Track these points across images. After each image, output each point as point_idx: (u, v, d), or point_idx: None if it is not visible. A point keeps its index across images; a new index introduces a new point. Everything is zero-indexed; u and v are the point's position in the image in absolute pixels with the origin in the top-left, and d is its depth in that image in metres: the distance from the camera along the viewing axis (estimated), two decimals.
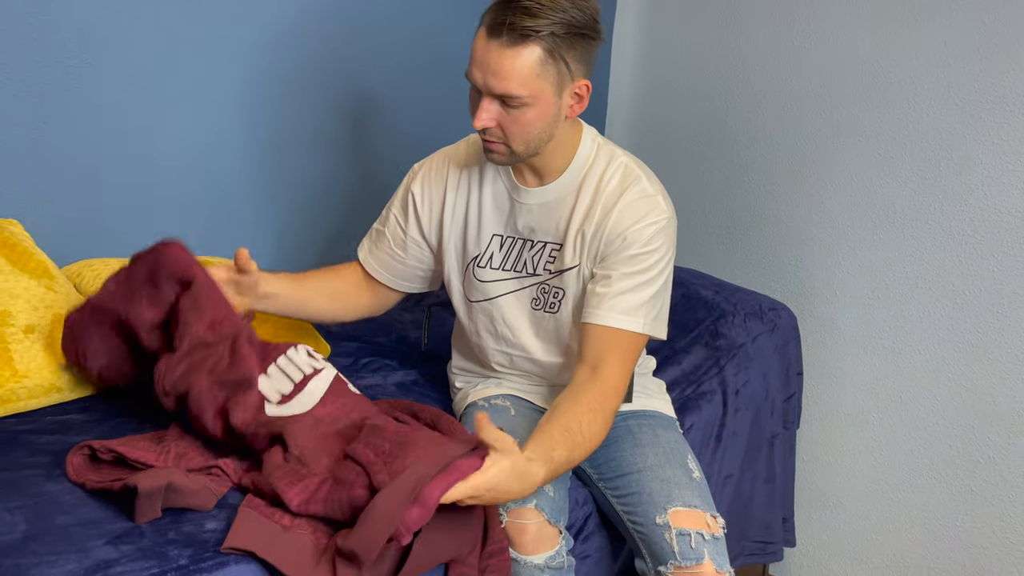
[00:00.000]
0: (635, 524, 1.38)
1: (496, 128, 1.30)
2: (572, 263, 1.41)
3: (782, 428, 2.00)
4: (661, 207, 1.37)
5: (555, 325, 1.46)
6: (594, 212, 1.38)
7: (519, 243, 1.45)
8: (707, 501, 1.38)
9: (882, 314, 2.06)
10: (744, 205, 2.27)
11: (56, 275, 1.54)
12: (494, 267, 1.46)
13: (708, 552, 1.30)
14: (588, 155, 1.40)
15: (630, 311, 1.34)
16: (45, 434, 1.29)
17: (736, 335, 1.91)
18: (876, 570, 2.11)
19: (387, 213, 1.56)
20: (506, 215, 1.44)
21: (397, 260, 1.55)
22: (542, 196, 1.41)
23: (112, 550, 0.98)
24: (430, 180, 1.50)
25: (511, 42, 1.22)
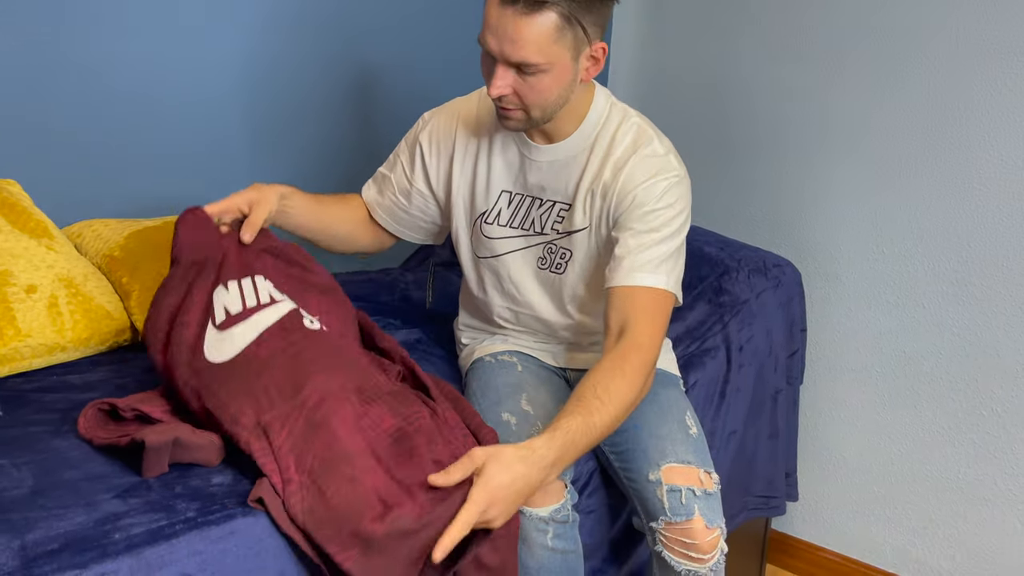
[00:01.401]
0: (630, 480, 1.39)
1: (512, 95, 1.27)
2: (582, 224, 1.39)
3: (786, 384, 2.01)
4: (672, 165, 1.35)
5: (559, 286, 1.45)
6: (604, 172, 1.36)
7: (528, 200, 1.43)
8: (702, 457, 1.38)
9: (886, 268, 2.05)
10: (747, 161, 2.25)
11: (56, 235, 1.53)
12: (501, 224, 1.45)
13: (699, 508, 1.30)
14: (601, 115, 1.38)
15: (649, 267, 1.31)
16: (50, 392, 1.29)
17: (740, 291, 1.91)
18: (878, 523, 2.13)
19: (394, 159, 1.54)
20: (516, 172, 1.42)
21: (400, 208, 1.54)
22: (552, 154, 1.39)
23: (120, 503, 0.99)
24: (439, 132, 1.48)
25: (527, 9, 1.19)
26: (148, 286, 1.52)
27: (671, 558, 1.32)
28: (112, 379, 1.37)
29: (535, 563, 1.30)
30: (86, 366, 1.41)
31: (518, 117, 1.31)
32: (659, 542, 1.33)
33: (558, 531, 1.30)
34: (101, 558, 0.89)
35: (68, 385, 1.32)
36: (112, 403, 1.16)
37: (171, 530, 0.95)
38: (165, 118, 1.80)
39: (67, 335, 1.40)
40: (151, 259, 1.56)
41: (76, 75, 1.65)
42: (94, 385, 1.33)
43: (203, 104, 1.85)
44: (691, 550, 1.31)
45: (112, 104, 1.72)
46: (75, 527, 0.93)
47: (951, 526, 2.03)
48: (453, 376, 1.60)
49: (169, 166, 1.83)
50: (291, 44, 1.95)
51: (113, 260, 1.56)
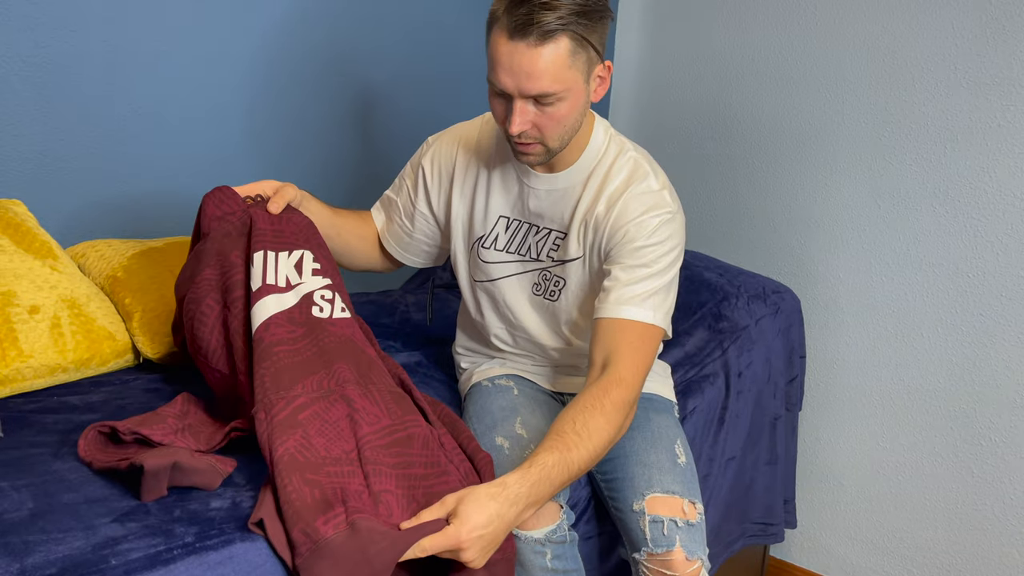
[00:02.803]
0: (616, 510, 1.39)
1: (532, 129, 1.27)
2: (576, 254, 1.40)
3: (784, 410, 2.01)
4: (666, 201, 1.34)
5: (554, 311, 1.46)
6: (598, 205, 1.36)
7: (525, 227, 1.44)
8: (689, 487, 1.37)
9: (885, 297, 2.06)
10: (748, 188, 2.27)
11: (60, 255, 1.54)
12: (498, 248, 1.46)
13: (679, 539, 1.30)
14: (600, 147, 1.38)
15: (636, 301, 1.30)
16: (51, 413, 1.29)
17: (739, 317, 1.91)
18: (876, 550, 2.13)
19: (400, 183, 1.56)
20: (515, 198, 1.43)
21: (405, 232, 1.56)
22: (551, 183, 1.39)
23: (119, 527, 0.99)
24: (441, 156, 1.49)
25: (540, 40, 1.17)
26: (150, 307, 1.52)
27: None
28: (113, 400, 1.37)
29: None
30: (87, 387, 1.41)
31: (537, 151, 1.30)
32: (642, 573, 1.33)
33: (556, 552, 1.30)
34: None
35: (69, 406, 1.33)
36: (112, 426, 1.16)
37: (169, 555, 0.95)
38: (169, 138, 1.82)
39: (69, 356, 1.40)
40: (154, 280, 1.57)
41: (80, 95, 1.67)
42: (95, 406, 1.33)
43: (208, 123, 1.87)
44: None
45: (117, 124, 1.73)
46: (73, 551, 0.93)
47: (949, 555, 2.02)
48: (452, 400, 1.60)
49: (173, 186, 1.85)
50: (294, 63, 1.97)
51: (116, 281, 1.57)
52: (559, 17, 1.17)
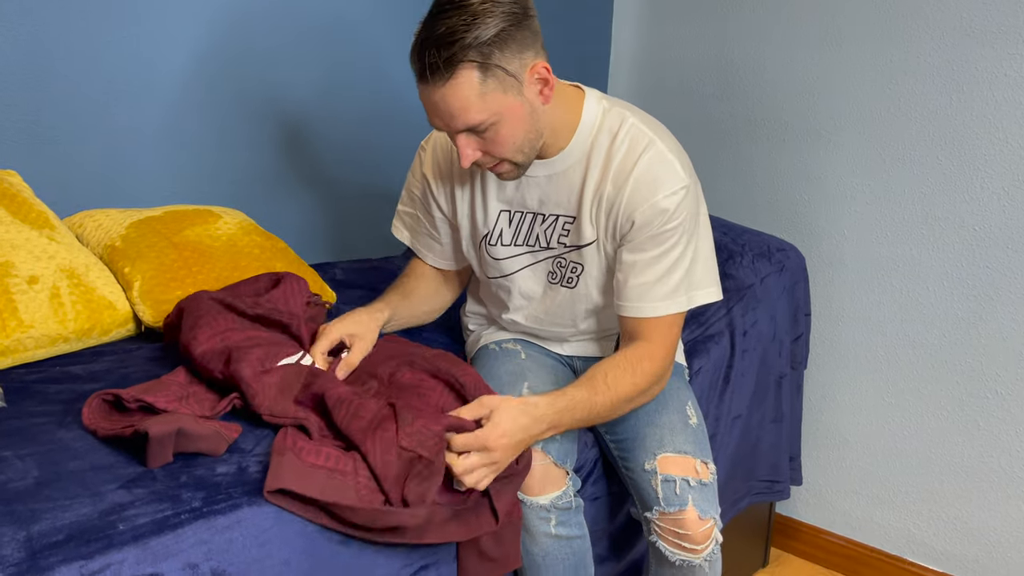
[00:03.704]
0: (627, 470, 1.39)
1: (484, 156, 1.26)
2: (590, 238, 1.36)
3: (790, 368, 2.00)
4: (678, 174, 1.29)
5: (571, 299, 1.43)
6: (606, 182, 1.31)
7: (529, 217, 1.39)
8: (700, 447, 1.37)
9: (891, 252, 2.04)
10: (751, 146, 2.24)
11: (57, 225, 1.53)
12: (505, 243, 1.43)
13: (692, 498, 1.30)
14: (594, 121, 1.32)
15: (668, 295, 1.31)
16: (54, 383, 1.29)
17: (744, 276, 1.90)
18: (882, 506, 2.13)
19: (409, 196, 1.53)
20: (512, 190, 1.38)
21: (436, 241, 1.54)
22: (549, 168, 1.34)
23: (125, 494, 0.98)
24: (437, 158, 1.46)
25: (443, 79, 1.16)
26: (150, 276, 1.51)
27: (665, 548, 1.32)
28: (116, 369, 1.36)
29: (539, 551, 1.30)
30: (89, 357, 1.40)
31: (505, 169, 1.29)
32: (653, 532, 1.33)
33: (561, 518, 1.30)
34: (106, 549, 0.89)
35: (71, 376, 1.32)
36: (116, 394, 1.16)
37: (176, 520, 0.95)
38: (163, 106, 1.79)
39: (69, 326, 1.39)
40: (153, 249, 1.56)
41: (70, 62, 1.64)
42: (98, 375, 1.33)
43: (200, 90, 1.84)
44: (684, 540, 1.30)
45: (108, 92, 1.71)
46: (80, 518, 0.93)
47: (956, 509, 2.03)
48: None
49: (168, 155, 1.83)
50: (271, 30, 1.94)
51: (115, 250, 1.55)
52: (451, 54, 1.14)
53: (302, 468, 1.06)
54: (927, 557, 2.08)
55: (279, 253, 1.70)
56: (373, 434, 1.11)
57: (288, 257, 1.71)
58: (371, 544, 1.12)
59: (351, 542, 1.10)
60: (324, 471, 1.06)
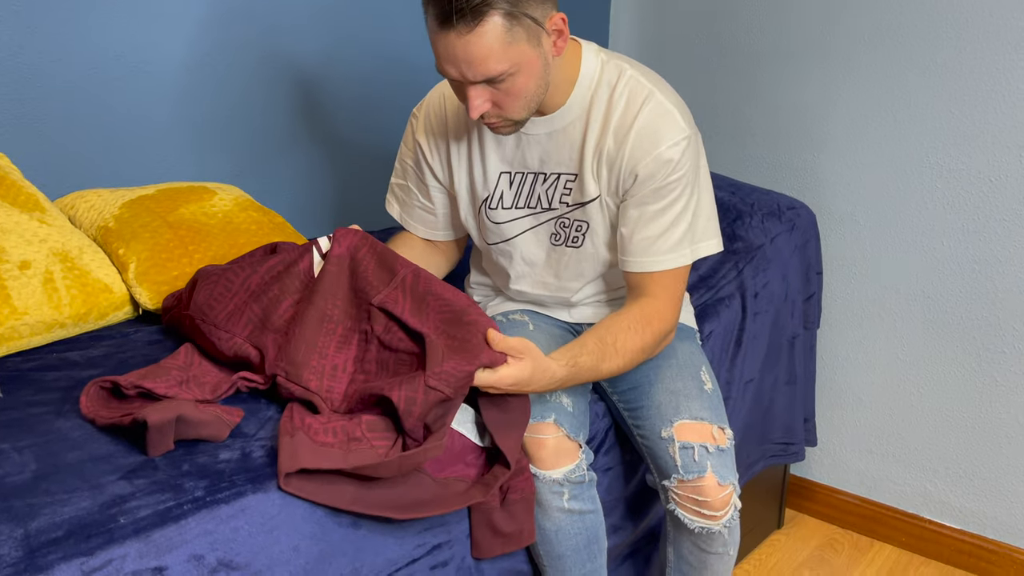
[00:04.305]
0: (643, 438, 1.36)
1: (493, 108, 1.21)
2: (593, 194, 1.32)
3: (802, 329, 1.97)
4: (679, 125, 1.26)
5: (577, 259, 1.39)
6: (607, 136, 1.28)
7: (530, 177, 1.36)
8: (716, 413, 1.35)
9: (905, 206, 1.99)
10: (756, 102, 2.18)
11: (48, 208, 1.49)
12: (506, 206, 1.39)
13: (711, 465, 1.28)
14: (592, 76, 1.29)
15: (673, 248, 1.30)
16: (51, 371, 1.25)
17: (754, 236, 1.86)
18: (898, 464, 2.11)
19: (402, 167, 1.49)
20: (512, 150, 1.35)
21: (429, 212, 1.50)
22: (549, 125, 1.31)
23: (126, 484, 0.95)
24: (431, 124, 1.41)
25: (468, 26, 1.10)
26: (145, 257, 1.47)
27: (684, 516, 1.30)
28: (115, 354, 1.33)
29: (552, 525, 1.28)
30: (87, 342, 1.37)
31: (505, 125, 1.25)
32: (671, 500, 1.31)
33: (574, 492, 1.28)
34: (108, 544, 0.86)
35: (69, 363, 1.29)
36: (114, 380, 1.13)
37: (179, 511, 0.92)
38: (153, 82, 1.74)
39: (65, 311, 1.36)
40: (147, 229, 1.51)
41: (54, 37, 1.59)
42: (96, 361, 1.29)
43: (193, 67, 1.79)
44: (703, 507, 1.28)
45: (95, 68, 1.65)
46: (80, 512, 0.90)
47: (973, 465, 2.00)
48: None
49: (160, 132, 1.78)
50: None
51: (108, 232, 1.51)
52: None
53: (315, 447, 1.03)
54: (944, 514, 2.06)
55: (277, 228, 1.66)
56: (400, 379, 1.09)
57: (286, 231, 1.67)
58: (383, 524, 1.10)
59: (361, 524, 1.08)
60: (337, 448, 1.03)
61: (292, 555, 1.00)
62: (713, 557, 1.34)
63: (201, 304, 1.27)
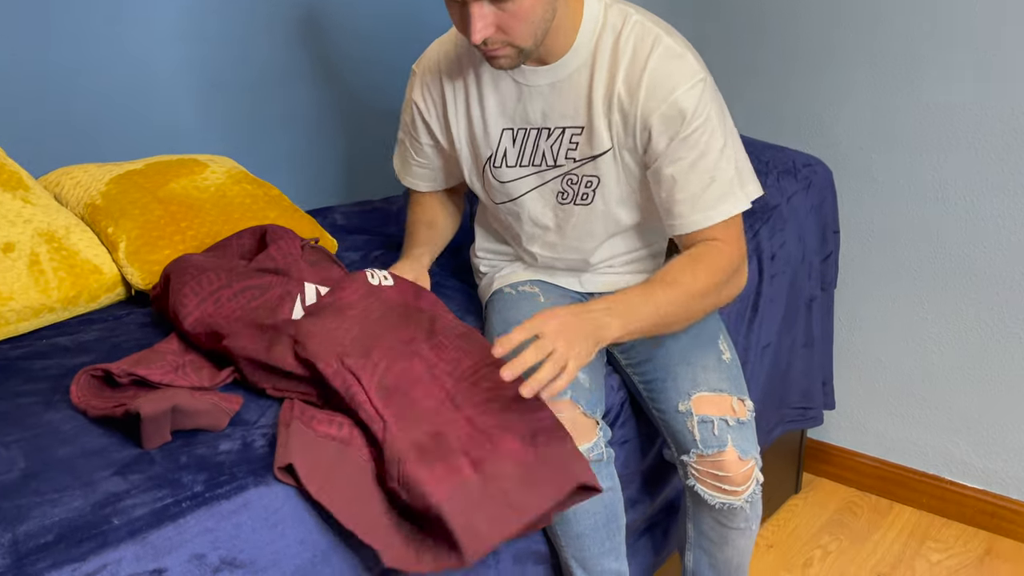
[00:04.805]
0: (659, 412, 1.31)
1: (496, 33, 1.12)
2: (605, 146, 1.25)
3: (819, 290, 1.90)
4: (692, 67, 1.20)
5: (587, 218, 1.32)
6: (616, 83, 1.21)
7: (533, 133, 1.29)
8: (736, 384, 1.29)
9: (926, 160, 1.91)
10: (769, 53, 2.09)
11: (32, 186, 1.42)
12: (510, 164, 1.32)
13: (731, 438, 1.23)
14: (596, 21, 1.22)
15: (722, 198, 1.22)
16: (40, 359, 1.20)
17: (769, 196, 1.78)
18: (918, 425, 2.06)
19: (402, 121, 1.46)
20: (513, 105, 1.28)
21: (428, 168, 1.47)
22: (552, 75, 1.24)
23: (120, 481, 0.90)
24: (427, 83, 1.36)
25: None
26: (135, 235, 1.41)
27: (704, 492, 1.25)
28: (107, 338, 1.27)
29: None
30: (77, 326, 1.31)
31: (508, 54, 1.16)
32: (691, 476, 1.26)
33: (592, 470, 1.23)
34: (101, 548, 0.81)
35: (59, 349, 1.23)
36: (106, 368, 1.07)
37: (177, 509, 0.87)
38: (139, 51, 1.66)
39: (53, 295, 1.30)
40: (136, 205, 1.45)
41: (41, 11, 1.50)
42: (87, 347, 1.24)
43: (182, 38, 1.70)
44: (724, 483, 1.23)
45: (77, 36, 1.57)
46: (71, 513, 0.85)
47: (995, 425, 1.95)
48: (472, 309, 1.50)
49: (147, 103, 1.70)
50: None
51: (96, 209, 1.45)
52: None
53: (312, 439, 0.98)
54: (966, 475, 2.02)
55: (272, 201, 1.59)
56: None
57: (282, 205, 1.61)
58: None
59: None
60: (336, 443, 0.98)
61: (299, 548, 0.95)
62: (735, 532, 1.30)
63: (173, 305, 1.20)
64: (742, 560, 1.35)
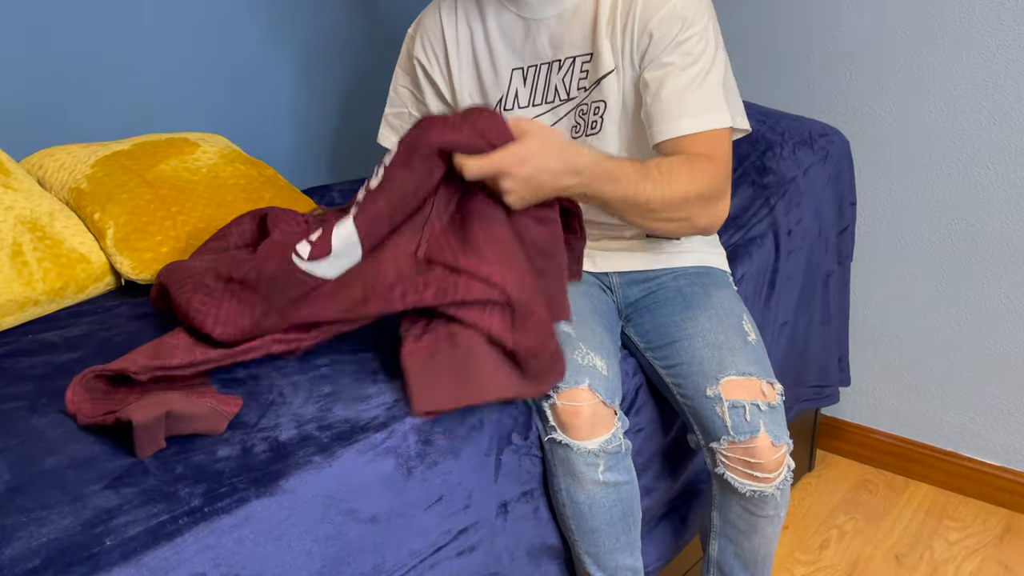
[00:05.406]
0: (684, 397, 1.25)
1: None
2: (608, 67, 1.24)
3: (836, 265, 1.84)
4: None
5: (599, 147, 1.27)
6: (618, 4, 1.21)
7: (544, 69, 1.27)
8: (763, 366, 1.24)
9: (946, 127, 1.84)
10: (781, 16, 2.00)
11: (13, 170, 1.34)
12: (522, 105, 1.30)
13: (763, 424, 1.17)
14: None
15: (707, 107, 1.17)
16: (25, 356, 1.13)
17: (786, 169, 1.71)
18: (934, 402, 2.01)
19: (396, 94, 1.40)
20: (521, 42, 1.28)
21: None
22: (558, 5, 1.24)
23: (112, 495, 0.84)
24: (428, 38, 1.33)
25: None
26: (124, 221, 1.33)
27: (734, 479, 1.20)
28: (96, 332, 1.21)
29: (586, 498, 1.18)
30: (65, 319, 1.24)
31: None
32: (720, 463, 1.20)
33: (609, 463, 1.18)
34: (93, 572, 0.75)
35: (46, 345, 1.16)
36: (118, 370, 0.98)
37: (174, 526, 0.81)
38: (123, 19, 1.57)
39: (38, 287, 1.23)
40: (124, 189, 1.37)
41: None
42: (75, 343, 1.17)
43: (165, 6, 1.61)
44: (756, 469, 1.18)
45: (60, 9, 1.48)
46: (60, 533, 0.78)
47: (1015, 400, 1.90)
48: None
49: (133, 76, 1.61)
50: None
51: (81, 193, 1.37)
52: None
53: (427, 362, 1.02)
54: (984, 451, 1.97)
55: (268, 181, 1.52)
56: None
57: (278, 184, 1.53)
58: (403, 515, 0.99)
59: (379, 519, 0.97)
60: None
61: (305, 560, 0.89)
62: (763, 520, 1.25)
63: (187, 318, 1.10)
64: (769, 548, 1.30)
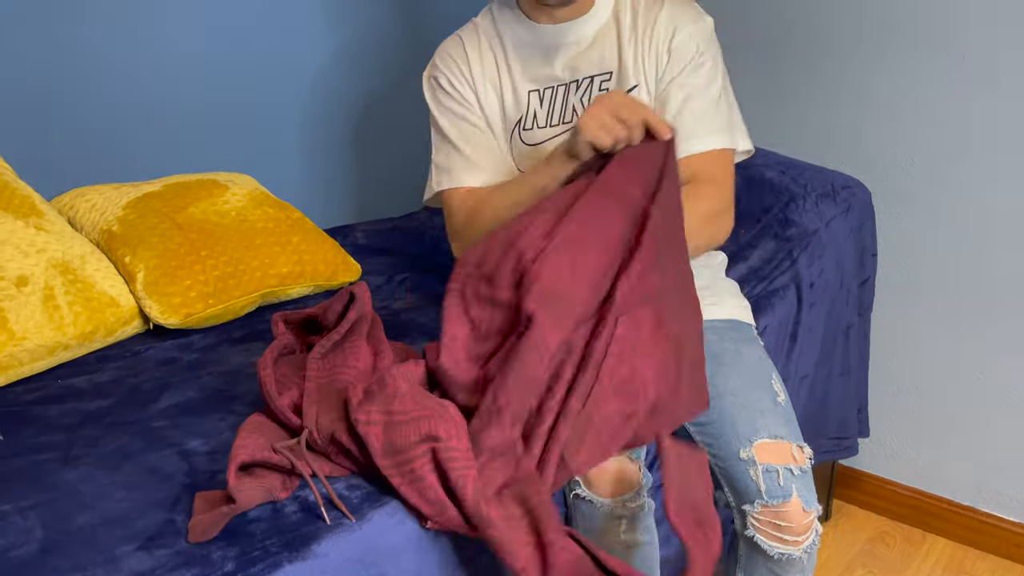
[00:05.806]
0: (716, 458, 1.24)
1: None
2: (633, 83, 1.31)
3: (857, 316, 1.84)
4: (701, 12, 1.33)
5: None
6: (637, 26, 1.31)
7: (561, 89, 1.33)
8: (792, 428, 1.23)
9: (966, 178, 1.84)
10: (802, 63, 2.01)
11: (45, 211, 1.36)
12: (540, 125, 1.34)
13: (796, 488, 1.17)
14: None
15: (717, 129, 1.29)
16: (55, 403, 1.14)
17: (808, 221, 1.71)
18: (953, 454, 1.99)
19: (440, 136, 1.37)
20: (539, 65, 1.33)
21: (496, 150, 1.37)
22: (578, 31, 1.31)
23: (145, 557, 0.84)
24: (456, 63, 1.36)
25: None
26: (154, 264, 1.34)
27: (763, 542, 1.19)
28: (125, 378, 1.21)
29: None
30: (93, 364, 1.25)
31: None
32: (751, 526, 1.20)
33: (631, 523, 1.17)
34: None
35: (75, 392, 1.17)
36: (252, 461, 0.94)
37: None
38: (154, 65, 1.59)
39: (68, 331, 1.24)
40: (155, 231, 1.38)
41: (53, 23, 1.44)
42: (104, 389, 1.18)
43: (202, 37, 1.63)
44: (785, 532, 1.17)
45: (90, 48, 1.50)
46: None
47: None
48: None
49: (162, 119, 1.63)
50: None
51: (112, 236, 1.38)
52: None
53: None
54: (1003, 507, 1.95)
55: (295, 225, 1.53)
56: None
57: (304, 228, 1.54)
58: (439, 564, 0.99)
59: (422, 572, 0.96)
60: None
61: None
62: None
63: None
64: None
